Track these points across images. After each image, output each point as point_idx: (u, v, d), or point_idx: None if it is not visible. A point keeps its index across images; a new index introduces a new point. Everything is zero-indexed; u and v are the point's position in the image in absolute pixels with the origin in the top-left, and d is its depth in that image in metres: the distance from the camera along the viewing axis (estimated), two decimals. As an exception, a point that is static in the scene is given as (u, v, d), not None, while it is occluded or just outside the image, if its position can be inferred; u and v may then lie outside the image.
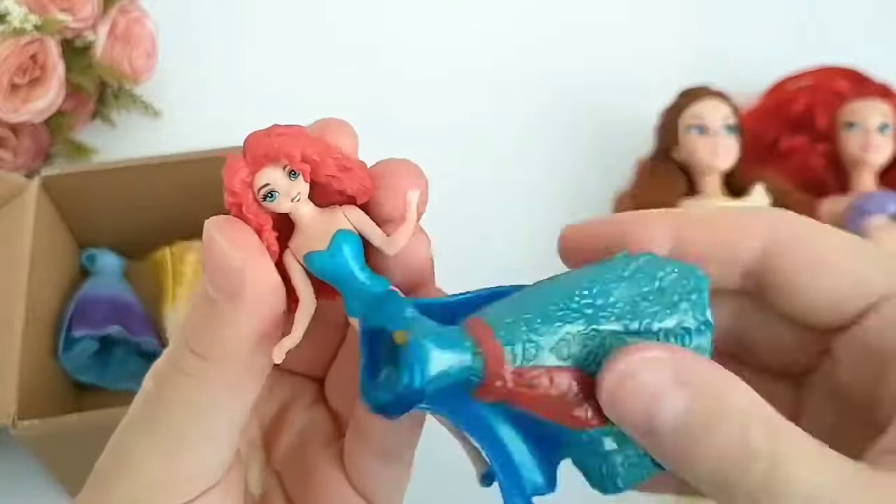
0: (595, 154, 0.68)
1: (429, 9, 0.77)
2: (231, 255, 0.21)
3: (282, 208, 0.22)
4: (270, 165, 0.21)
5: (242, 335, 0.22)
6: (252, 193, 0.21)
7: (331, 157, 0.22)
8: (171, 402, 0.22)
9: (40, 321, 0.50)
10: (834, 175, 0.63)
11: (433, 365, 0.19)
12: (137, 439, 0.23)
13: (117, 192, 0.55)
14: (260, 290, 0.21)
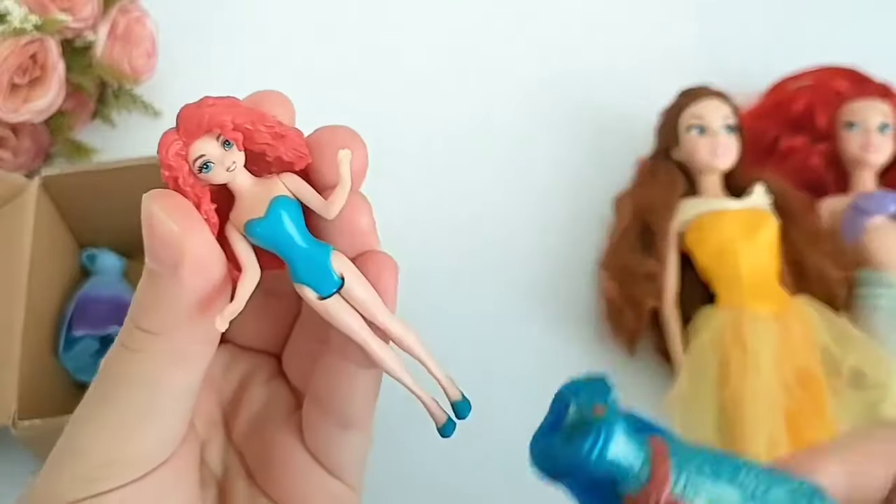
0: (595, 154, 0.68)
1: (428, 9, 0.77)
2: (168, 226, 0.21)
3: (218, 178, 0.22)
4: (204, 136, 0.21)
5: (183, 306, 0.22)
6: (188, 166, 0.22)
7: (264, 125, 0.22)
8: (118, 379, 0.22)
9: (40, 321, 0.50)
10: (834, 175, 0.63)
11: (614, 448, 0.21)
12: (87, 419, 0.23)
13: (117, 192, 0.55)
14: (198, 259, 0.21)
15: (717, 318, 0.55)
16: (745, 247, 0.55)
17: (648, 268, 0.57)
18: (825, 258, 0.57)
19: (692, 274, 0.57)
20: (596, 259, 0.61)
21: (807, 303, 0.55)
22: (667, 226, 0.57)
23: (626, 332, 0.57)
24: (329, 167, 0.23)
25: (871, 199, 0.59)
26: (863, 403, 0.53)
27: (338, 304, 0.23)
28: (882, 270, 0.57)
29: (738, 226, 0.56)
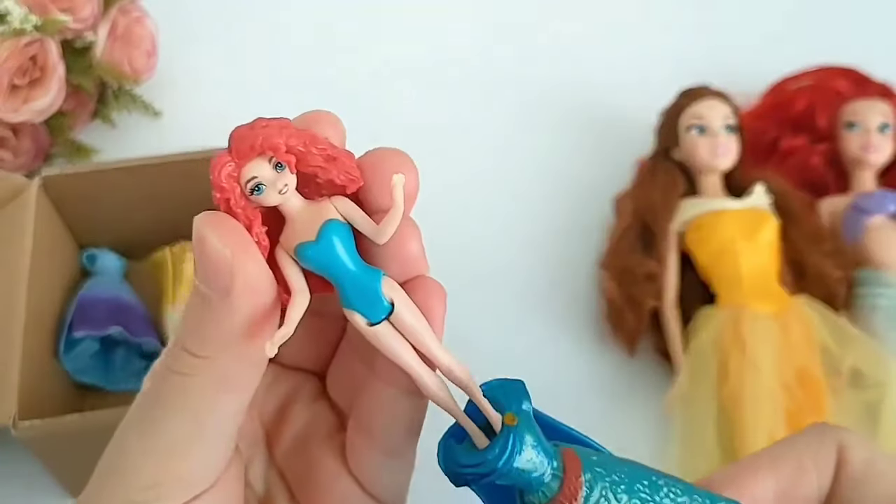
0: (595, 154, 0.68)
1: (428, 10, 0.77)
2: (220, 250, 0.21)
3: (269, 201, 0.21)
4: (256, 158, 0.21)
5: (233, 330, 0.21)
6: (239, 188, 0.21)
7: (316, 148, 0.22)
8: (167, 403, 0.22)
9: (41, 321, 0.50)
10: (834, 175, 0.63)
11: (522, 458, 0.21)
12: (134, 441, 0.23)
13: (117, 192, 0.55)
14: (249, 284, 0.21)
15: (717, 318, 0.55)
16: (745, 247, 0.55)
17: (648, 268, 0.57)
18: (825, 258, 0.57)
19: (692, 274, 0.57)
20: (596, 259, 0.61)
21: (807, 303, 0.55)
22: (667, 226, 0.57)
23: (626, 333, 0.57)
24: (380, 190, 0.23)
25: (871, 199, 0.59)
26: (862, 403, 0.53)
27: (387, 330, 0.22)
28: (882, 270, 0.57)
29: (738, 226, 0.56)
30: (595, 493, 0.21)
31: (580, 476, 0.21)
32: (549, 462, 0.21)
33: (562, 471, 0.21)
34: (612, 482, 0.21)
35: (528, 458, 0.21)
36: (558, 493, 0.21)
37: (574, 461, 0.21)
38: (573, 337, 0.59)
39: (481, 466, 0.21)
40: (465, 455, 0.21)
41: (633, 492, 0.21)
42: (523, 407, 0.22)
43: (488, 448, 0.21)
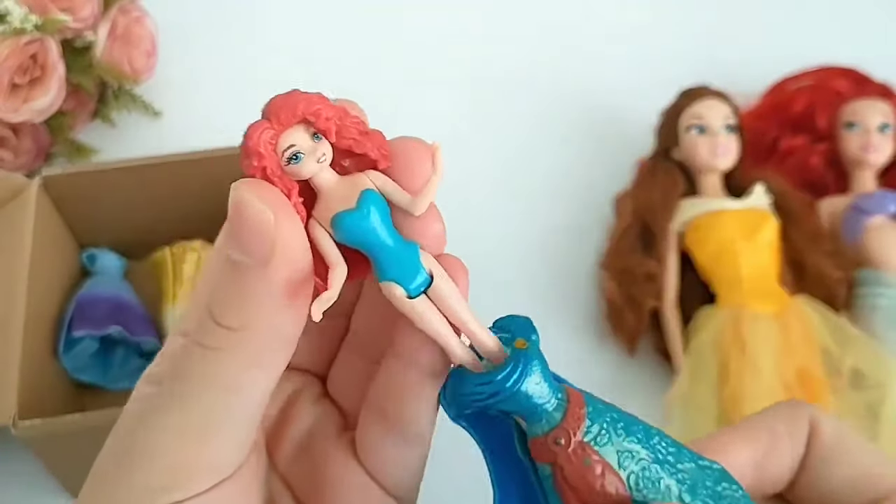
0: (595, 154, 0.68)
1: (428, 11, 0.77)
2: (263, 213, 0.20)
3: (306, 170, 0.21)
4: (295, 126, 0.21)
5: (271, 299, 0.20)
6: (276, 157, 0.21)
7: (350, 121, 0.22)
8: (193, 378, 0.21)
9: (40, 321, 0.50)
10: (834, 175, 0.63)
11: (531, 381, 0.21)
12: (154, 420, 0.21)
13: (117, 192, 0.55)
14: (290, 249, 0.20)
15: (716, 317, 0.55)
16: (744, 247, 0.55)
17: (648, 268, 0.57)
18: (825, 258, 0.57)
19: (692, 274, 0.57)
20: (596, 259, 0.61)
21: (807, 303, 0.55)
22: (667, 226, 0.57)
23: (626, 332, 0.57)
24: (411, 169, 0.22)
25: (871, 199, 0.59)
26: (863, 403, 0.53)
27: (424, 303, 0.22)
28: (881, 270, 0.57)
29: (738, 226, 0.56)
30: (595, 427, 0.21)
31: (583, 408, 0.22)
32: (553, 393, 0.22)
33: (566, 402, 0.22)
34: (611, 420, 0.22)
35: (535, 382, 0.21)
36: (562, 422, 0.21)
37: (577, 396, 0.22)
38: (573, 337, 0.59)
39: (490, 386, 0.21)
40: (474, 378, 0.21)
41: (630, 432, 0.22)
42: (532, 338, 0.22)
43: (498, 368, 0.21)
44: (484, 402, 0.21)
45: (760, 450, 0.24)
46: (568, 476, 0.21)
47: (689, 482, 0.22)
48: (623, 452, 0.21)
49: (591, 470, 0.21)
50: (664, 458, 0.22)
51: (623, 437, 0.22)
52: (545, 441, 0.22)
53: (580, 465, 0.21)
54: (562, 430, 0.21)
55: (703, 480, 0.22)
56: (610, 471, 0.21)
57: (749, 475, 0.24)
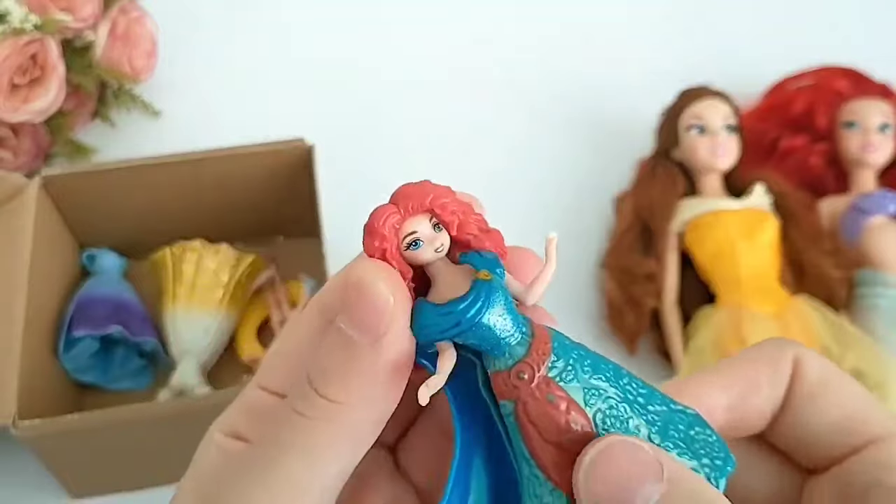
0: (595, 154, 0.68)
1: (428, 11, 0.77)
2: (385, 295, 0.21)
3: (423, 257, 0.22)
4: (420, 215, 0.22)
5: (378, 378, 0.21)
6: (397, 240, 0.22)
7: (473, 217, 0.22)
8: (286, 445, 0.21)
9: (40, 321, 0.50)
10: (834, 175, 0.63)
11: (493, 312, 0.21)
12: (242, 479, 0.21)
13: (117, 192, 0.55)
14: (403, 332, 0.21)
15: (716, 317, 0.55)
16: (744, 247, 0.55)
17: (648, 268, 0.57)
18: (825, 258, 0.57)
19: (692, 274, 0.57)
20: (597, 259, 0.61)
21: (807, 303, 0.55)
22: (667, 226, 0.57)
23: (626, 332, 0.57)
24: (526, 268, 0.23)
25: (871, 199, 0.59)
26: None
27: None
28: (881, 270, 0.57)
29: (738, 226, 0.56)
30: (560, 363, 0.21)
31: (549, 343, 0.21)
32: (517, 327, 0.21)
33: (531, 337, 0.21)
34: (579, 356, 0.21)
35: (498, 314, 0.21)
36: (525, 356, 0.21)
37: (543, 332, 0.22)
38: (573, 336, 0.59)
39: (451, 316, 0.21)
40: (436, 309, 0.21)
41: (598, 370, 0.21)
42: (497, 271, 0.22)
43: (459, 298, 0.21)
44: (446, 332, 0.21)
45: (735, 394, 0.23)
46: (530, 412, 0.21)
47: (660, 423, 0.21)
48: (589, 390, 0.21)
49: (554, 406, 0.21)
50: (634, 399, 0.21)
51: (590, 374, 0.21)
52: (508, 376, 0.21)
53: (543, 401, 0.21)
54: (525, 365, 0.21)
55: (675, 423, 0.22)
56: (575, 407, 0.21)
57: (721, 418, 0.23)
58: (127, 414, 0.45)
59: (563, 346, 0.21)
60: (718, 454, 0.22)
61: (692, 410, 0.22)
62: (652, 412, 0.21)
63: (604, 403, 0.21)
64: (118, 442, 0.47)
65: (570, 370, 0.21)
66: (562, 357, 0.21)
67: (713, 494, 0.20)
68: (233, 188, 0.56)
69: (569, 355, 0.21)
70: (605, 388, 0.21)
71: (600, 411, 0.21)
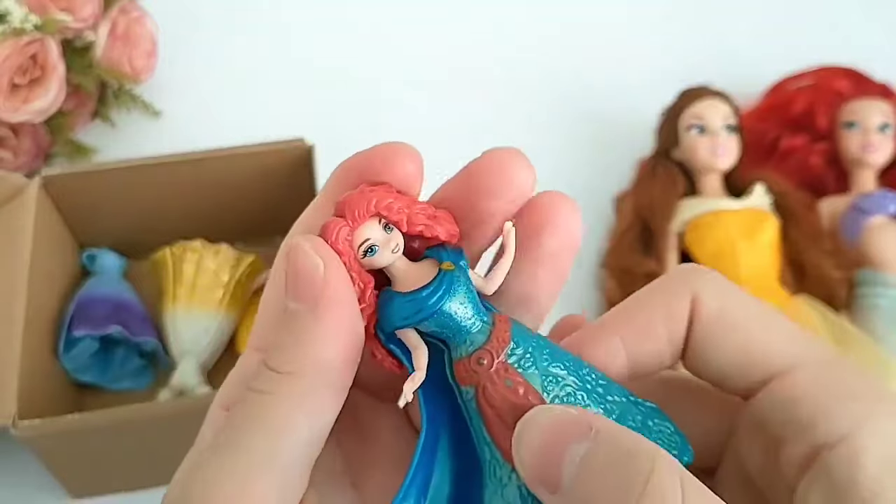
0: (595, 154, 0.68)
1: (429, 11, 0.77)
2: (313, 260, 0.21)
3: (382, 261, 0.22)
4: (368, 221, 0.22)
5: (318, 343, 0.21)
6: (353, 251, 0.22)
7: (419, 208, 0.23)
8: (241, 424, 0.21)
9: (40, 321, 0.50)
10: (834, 175, 0.63)
11: (455, 301, 0.22)
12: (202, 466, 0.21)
13: (117, 192, 0.55)
14: (337, 296, 0.21)
15: (717, 317, 0.54)
16: (744, 247, 0.55)
17: (648, 268, 0.57)
18: (825, 258, 0.57)
19: (692, 274, 0.57)
20: (597, 259, 0.61)
21: (807, 302, 0.55)
22: (667, 225, 0.57)
23: (626, 332, 0.57)
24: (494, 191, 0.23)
25: (871, 199, 0.59)
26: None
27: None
28: (881, 270, 0.57)
29: (738, 226, 0.56)
30: (520, 350, 0.22)
31: (509, 332, 0.22)
32: (478, 315, 0.22)
33: (491, 325, 0.22)
34: (537, 345, 0.22)
35: (459, 302, 0.22)
36: (485, 343, 0.22)
37: (504, 321, 0.22)
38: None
39: (413, 303, 0.22)
40: (401, 297, 0.22)
41: (557, 359, 0.22)
42: (461, 263, 0.22)
43: (422, 288, 0.22)
44: (409, 319, 0.22)
45: (632, 343, 0.23)
46: (489, 396, 0.21)
47: (617, 412, 0.22)
48: (548, 377, 0.21)
49: (512, 391, 0.21)
50: (592, 389, 0.22)
51: (549, 362, 0.22)
52: (469, 362, 0.22)
53: (501, 386, 0.21)
54: (484, 351, 0.22)
55: (633, 414, 0.22)
56: (532, 393, 0.21)
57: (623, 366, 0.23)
58: (127, 414, 0.45)
59: (523, 335, 0.22)
60: (674, 446, 0.22)
61: (651, 403, 0.23)
62: (610, 402, 0.22)
63: (561, 391, 0.21)
64: (118, 442, 0.47)
65: (529, 357, 0.22)
66: (521, 345, 0.22)
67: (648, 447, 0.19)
68: (233, 188, 0.56)
69: (528, 343, 0.22)
70: (563, 375, 0.22)
71: (558, 397, 0.21)
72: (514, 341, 0.22)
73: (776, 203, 0.58)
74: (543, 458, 0.20)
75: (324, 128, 0.59)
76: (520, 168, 0.24)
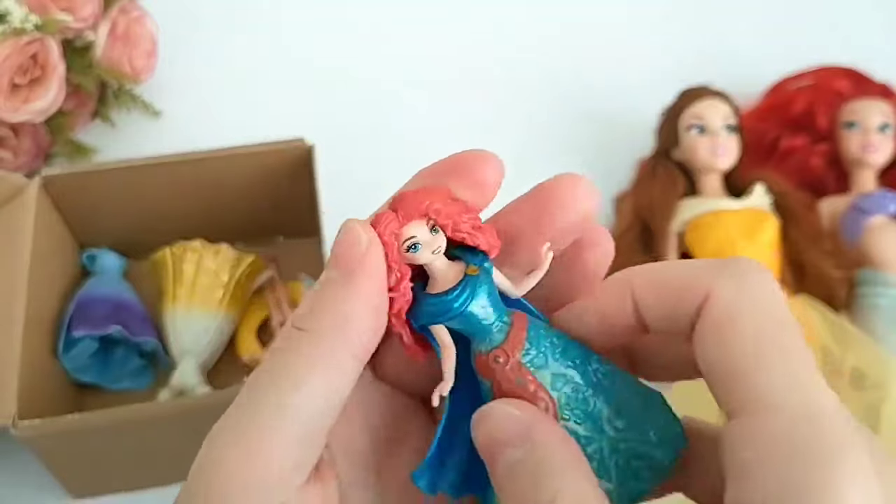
0: (595, 154, 0.68)
1: (429, 11, 0.77)
2: (361, 236, 0.23)
3: (422, 259, 0.24)
4: (417, 220, 0.24)
5: (344, 308, 0.23)
6: (397, 244, 0.24)
7: (467, 217, 0.25)
8: (260, 380, 0.22)
9: (40, 321, 0.50)
10: (834, 175, 0.63)
11: (476, 303, 0.24)
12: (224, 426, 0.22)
13: (117, 192, 0.55)
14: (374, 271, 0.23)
15: (717, 317, 0.54)
16: (744, 247, 0.55)
17: (648, 268, 0.57)
18: (825, 258, 0.57)
19: (692, 274, 0.57)
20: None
21: (807, 302, 0.55)
22: (667, 225, 0.57)
23: (626, 332, 0.57)
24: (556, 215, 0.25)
25: (871, 199, 0.59)
26: (863, 403, 0.53)
27: None
28: (882, 270, 0.57)
29: (738, 226, 0.56)
30: (533, 351, 0.24)
31: (524, 332, 0.24)
32: (499, 316, 0.24)
33: (509, 325, 0.24)
34: (551, 345, 0.24)
35: (481, 305, 0.24)
36: (503, 343, 0.24)
37: (522, 320, 0.24)
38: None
39: (439, 305, 0.24)
40: (430, 298, 0.24)
41: (567, 357, 0.24)
42: (485, 265, 0.24)
43: (450, 290, 0.24)
44: (437, 318, 0.24)
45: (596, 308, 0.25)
46: (504, 392, 0.23)
47: (618, 401, 0.24)
48: (558, 376, 0.24)
49: (523, 388, 0.23)
50: (598, 382, 0.24)
51: (560, 361, 0.24)
52: (487, 359, 0.24)
53: (514, 384, 0.23)
54: (501, 351, 0.24)
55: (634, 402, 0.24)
56: (542, 391, 0.23)
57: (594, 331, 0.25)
58: (127, 414, 0.45)
59: (538, 337, 0.24)
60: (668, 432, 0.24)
61: (656, 392, 0.25)
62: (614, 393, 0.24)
63: (568, 388, 0.24)
64: (118, 442, 0.47)
65: (542, 357, 0.24)
66: (535, 346, 0.24)
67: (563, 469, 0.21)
68: (233, 188, 0.56)
69: (542, 344, 0.24)
70: (572, 374, 0.24)
71: (564, 394, 0.23)
72: (529, 342, 0.24)
73: (776, 203, 0.58)
74: (486, 453, 0.22)
75: (324, 128, 0.59)
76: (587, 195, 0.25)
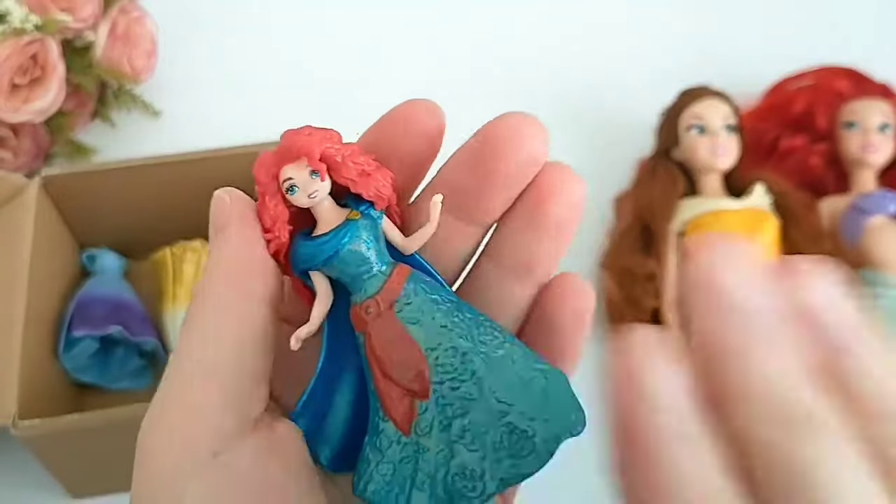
0: (595, 154, 0.68)
1: (429, 12, 0.77)
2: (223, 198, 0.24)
3: (299, 202, 0.23)
4: (296, 161, 0.23)
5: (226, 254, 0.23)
6: (276, 184, 0.23)
7: (353, 161, 0.24)
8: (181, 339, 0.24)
9: (40, 321, 0.50)
10: (834, 175, 0.62)
11: (350, 248, 0.23)
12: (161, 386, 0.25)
13: (117, 192, 0.55)
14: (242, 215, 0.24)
15: (716, 318, 0.54)
16: (744, 247, 0.55)
17: (648, 268, 0.57)
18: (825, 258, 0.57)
19: (692, 274, 0.57)
20: (596, 259, 0.61)
21: (807, 303, 0.55)
22: (667, 226, 0.57)
23: (626, 332, 0.57)
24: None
25: (871, 199, 0.59)
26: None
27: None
28: (882, 270, 0.57)
29: (738, 226, 0.56)
30: (411, 305, 0.22)
31: (402, 285, 0.23)
32: (378, 265, 0.23)
33: (387, 276, 0.23)
34: (433, 301, 0.23)
35: (357, 250, 0.23)
36: (377, 293, 0.23)
37: (403, 272, 0.23)
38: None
39: (310, 247, 0.23)
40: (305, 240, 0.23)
41: (451, 315, 0.22)
42: (370, 212, 0.23)
43: (326, 233, 0.23)
44: (308, 262, 0.23)
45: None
46: (374, 345, 0.22)
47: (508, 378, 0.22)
48: (433, 332, 0.22)
49: (393, 343, 0.22)
50: (483, 351, 0.22)
51: (436, 316, 0.22)
52: (360, 309, 0.23)
53: (384, 337, 0.22)
54: (373, 301, 0.23)
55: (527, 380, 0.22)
56: (413, 347, 0.22)
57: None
58: (127, 414, 0.45)
59: (418, 291, 0.23)
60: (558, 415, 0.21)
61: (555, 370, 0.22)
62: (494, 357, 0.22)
63: (445, 349, 0.22)
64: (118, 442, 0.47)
65: (419, 312, 0.22)
66: (412, 298, 0.23)
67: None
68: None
69: (420, 298, 0.22)
70: (451, 336, 0.22)
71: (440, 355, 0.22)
72: (406, 294, 0.23)
73: (776, 203, 0.58)
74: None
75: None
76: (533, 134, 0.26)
